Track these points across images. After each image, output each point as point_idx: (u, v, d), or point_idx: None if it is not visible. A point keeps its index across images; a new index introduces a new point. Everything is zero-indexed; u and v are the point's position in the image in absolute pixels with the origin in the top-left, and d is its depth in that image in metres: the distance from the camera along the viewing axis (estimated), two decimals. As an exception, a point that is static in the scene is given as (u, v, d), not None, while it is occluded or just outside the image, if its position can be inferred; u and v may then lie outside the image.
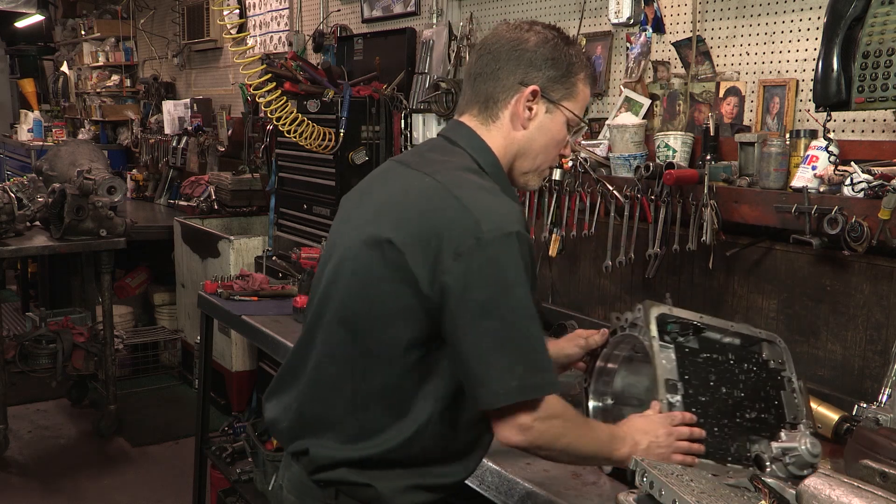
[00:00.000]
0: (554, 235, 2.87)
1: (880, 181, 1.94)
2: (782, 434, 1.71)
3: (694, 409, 1.74)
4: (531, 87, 1.55)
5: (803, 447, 1.63)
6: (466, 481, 1.98)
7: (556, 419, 1.47)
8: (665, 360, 1.78)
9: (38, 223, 4.56)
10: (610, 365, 1.99)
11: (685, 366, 1.80)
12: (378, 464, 1.52)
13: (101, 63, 8.15)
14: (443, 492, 1.60)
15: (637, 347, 1.93)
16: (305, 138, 3.66)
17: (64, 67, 9.29)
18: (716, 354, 1.88)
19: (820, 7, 2.26)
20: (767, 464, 1.69)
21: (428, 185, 1.49)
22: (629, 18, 2.70)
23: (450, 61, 3.62)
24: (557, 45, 1.57)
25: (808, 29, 2.32)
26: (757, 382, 1.90)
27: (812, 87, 1.93)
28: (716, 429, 1.76)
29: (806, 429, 1.74)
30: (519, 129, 1.58)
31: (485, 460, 1.91)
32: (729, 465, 1.71)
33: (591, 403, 1.97)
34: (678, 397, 1.73)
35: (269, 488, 1.77)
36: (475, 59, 1.62)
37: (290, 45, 4.93)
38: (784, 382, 1.93)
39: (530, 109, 1.57)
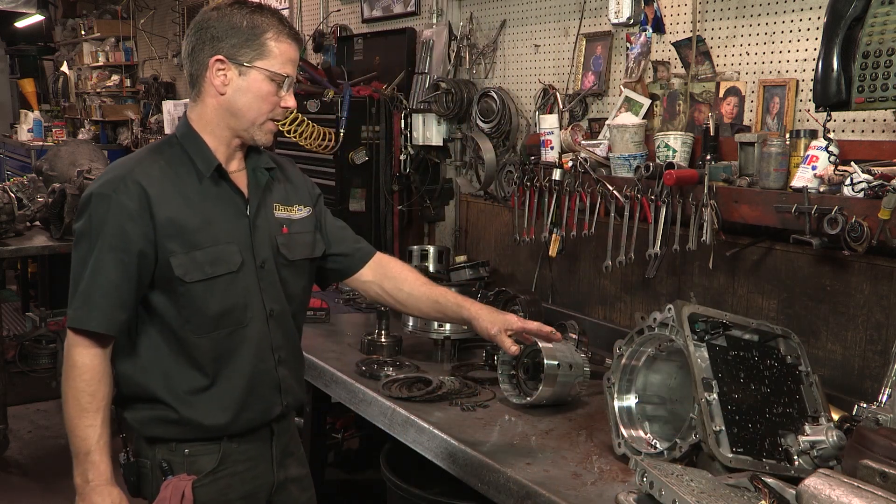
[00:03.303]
0: (554, 235, 2.87)
1: (880, 181, 1.94)
2: (807, 427, 1.79)
3: (730, 407, 1.76)
4: (214, 57, 1.75)
5: (831, 440, 1.73)
6: (467, 482, 1.99)
7: (80, 366, 1.70)
8: (699, 358, 1.80)
9: (38, 223, 4.55)
10: (634, 363, 2.00)
11: (717, 364, 1.83)
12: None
13: (101, 63, 8.15)
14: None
15: (661, 346, 1.94)
16: (305, 138, 3.67)
17: (64, 67, 9.30)
18: (742, 352, 1.91)
19: (820, 7, 2.26)
20: (795, 458, 1.73)
21: None
22: (629, 18, 2.69)
23: (450, 61, 3.62)
24: (238, 14, 1.76)
25: (808, 29, 2.32)
26: (779, 378, 1.94)
27: (812, 87, 1.93)
28: (750, 425, 1.78)
29: (828, 422, 1.79)
30: (218, 96, 1.78)
31: (484, 459, 1.92)
32: (764, 460, 1.73)
33: (616, 403, 1.98)
34: (714, 395, 1.75)
35: None
36: (183, 44, 1.84)
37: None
38: (802, 377, 1.99)
39: (224, 76, 1.76)
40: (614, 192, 2.57)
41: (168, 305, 1.76)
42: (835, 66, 1.84)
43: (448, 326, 2.65)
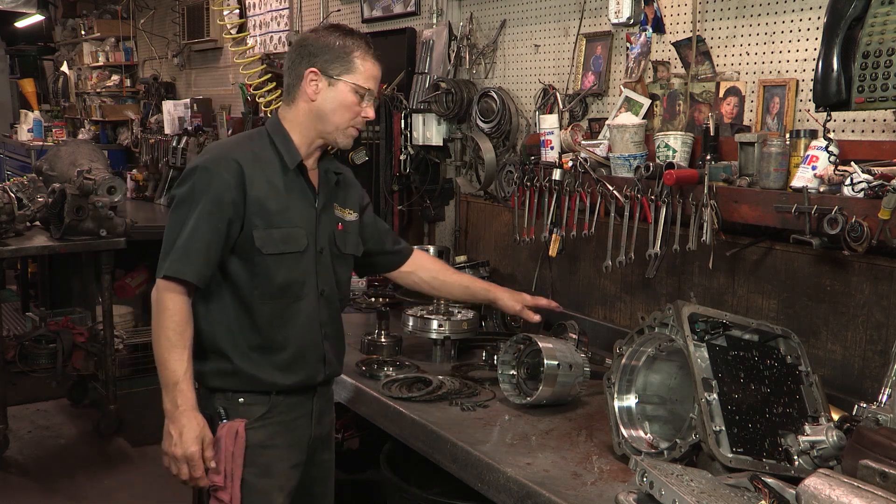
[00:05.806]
0: (554, 235, 2.87)
1: (880, 181, 1.94)
2: (807, 427, 1.79)
3: (730, 407, 1.76)
4: (310, 69, 2.07)
5: (831, 440, 1.72)
6: (467, 482, 1.99)
7: (171, 309, 1.97)
8: (699, 358, 1.80)
9: (38, 223, 4.55)
10: (634, 363, 2.00)
11: (717, 364, 1.83)
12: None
13: (101, 63, 8.14)
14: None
15: (661, 346, 1.94)
16: (305, 138, 3.67)
17: (64, 67, 9.29)
18: (742, 352, 1.92)
19: (820, 7, 2.26)
20: (795, 458, 1.73)
21: None
22: (629, 18, 2.70)
23: (450, 61, 3.62)
24: (332, 36, 2.10)
25: (808, 29, 2.32)
26: (779, 378, 1.95)
27: (812, 87, 1.93)
28: (750, 425, 1.78)
29: (828, 422, 1.79)
30: (310, 102, 2.09)
31: (484, 459, 1.92)
32: (764, 460, 1.73)
33: (616, 403, 1.98)
34: (714, 395, 1.75)
35: None
36: (286, 58, 2.17)
37: (290, 44, 4.92)
38: (802, 377, 1.99)
39: (316, 85, 2.08)
40: (614, 192, 2.57)
41: (242, 271, 2.05)
42: (835, 66, 1.84)
43: (447, 327, 2.66)
